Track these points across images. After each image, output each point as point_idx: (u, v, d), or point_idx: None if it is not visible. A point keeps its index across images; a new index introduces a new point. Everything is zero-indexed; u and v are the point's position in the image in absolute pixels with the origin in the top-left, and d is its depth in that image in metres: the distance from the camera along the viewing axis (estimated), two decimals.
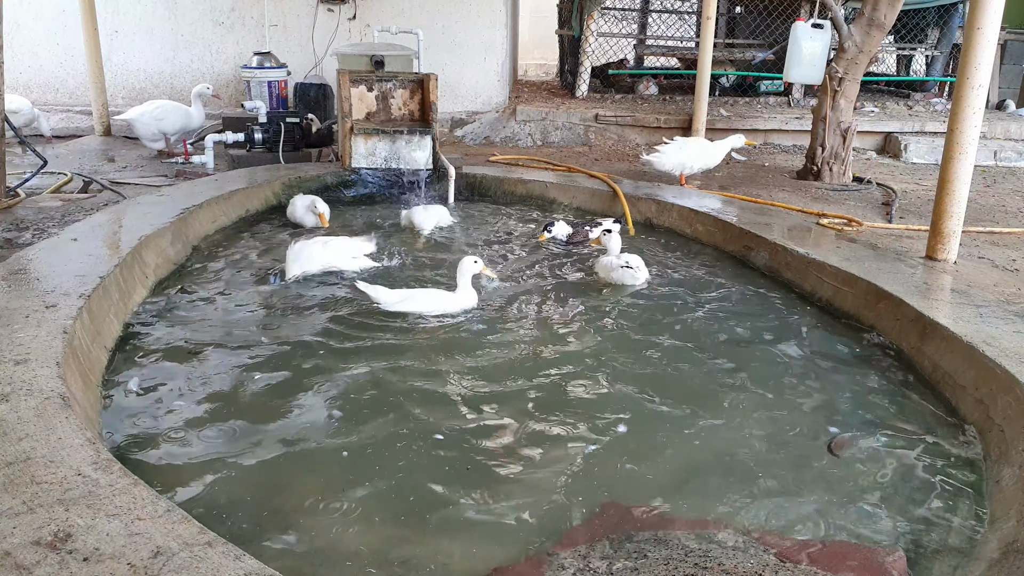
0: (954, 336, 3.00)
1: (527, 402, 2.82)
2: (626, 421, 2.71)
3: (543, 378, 3.01)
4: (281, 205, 5.31)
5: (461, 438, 2.56)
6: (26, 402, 2.18)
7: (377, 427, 2.60)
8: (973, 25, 3.77)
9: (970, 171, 3.96)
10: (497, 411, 2.75)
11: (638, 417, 2.74)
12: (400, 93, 5.95)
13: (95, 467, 1.90)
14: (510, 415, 2.72)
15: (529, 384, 2.95)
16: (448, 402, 2.79)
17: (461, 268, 3.62)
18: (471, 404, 2.79)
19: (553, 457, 2.47)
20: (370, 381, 2.92)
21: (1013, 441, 2.47)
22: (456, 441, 2.54)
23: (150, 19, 8.34)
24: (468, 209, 5.59)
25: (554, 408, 2.78)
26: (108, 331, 3.09)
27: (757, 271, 4.34)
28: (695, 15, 10.23)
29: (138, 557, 1.60)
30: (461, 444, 2.53)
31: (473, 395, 2.85)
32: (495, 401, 2.82)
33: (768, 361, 3.22)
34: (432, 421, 2.65)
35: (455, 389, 2.89)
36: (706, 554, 1.98)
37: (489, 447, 2.52)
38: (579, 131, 8.16)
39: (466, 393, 2.87)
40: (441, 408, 2.75)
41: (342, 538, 2.06)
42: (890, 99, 9.50)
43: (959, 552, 2.12)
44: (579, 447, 2.54)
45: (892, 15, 6.01)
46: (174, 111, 6.63)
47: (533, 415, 2.73)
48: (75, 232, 3.89)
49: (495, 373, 3.03)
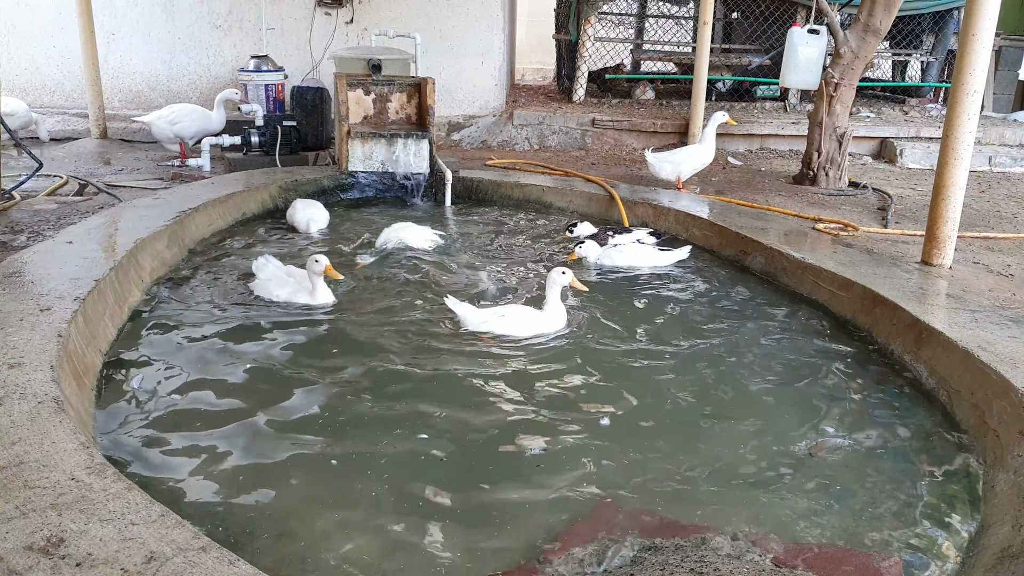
0: (950, 341, 3.00)
1: (517, 404, 2.81)
2: (620, 424, 2.70)
3: (532, 380, 3.00)
4: (278, 208, 5.31)
5: (453, 442, 2.56)
6: (19, 406, 2.17)
7: (371, 432, 2.60)
8: (968, 31, 3.79)
9: (965, 176, 3.97)
10: (488, 414, 2.74)
11: (632, 420, 2.74)
12: (397, 97, 5.95)
13: (89, 472, 1.89)
14: (501, 417, 2.71)
15: (521, 386, 2.94)
16: (440, 404, 2.79)
17: (551, 281, 3.38)
18: (465, 407, 2.78)
19: (546, 460, 2.47)
20: (361, 384, 2.91)
21: (1008, 446, 2.47)
22: (447, 444, 2.54)
23: (147, 22, 8.33)
24: (467, 214, 5.59)
25: (546, 410, 2.77)
26: (103, 335, 3.08)
27: (753, 275, 4.34)
28: (692, 20, 10.26)
29: (131, 562, 1.59)
30: (452, 447, 2.52)
31: (465, 398, 2.85)
32: (488, 404, 2.81)
33: (763, 365, 3.23)
34: (421, 423, 2.64)
35: (448, 392, 2.89)
36: (702, 559, 1.98)
37: (479, 451, 2.52)
38: (576, 135, 8.17)
39: (460, 396, 2.86)
40: (431, 411, 2.74)
41: (337, 543, 2.05)
42: (886, 104, 9.53)
43: (955, 557, 2.12)
44: (572, 449, 2.53)
45: (888, 21, 6.03)
46: (190, 114, 6.63)
47: (525, 417, 2.72)
48: (70, 235, 3.88)
49: (483, 377, 3.02)
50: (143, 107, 8.12)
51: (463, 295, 3.79)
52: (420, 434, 2.59)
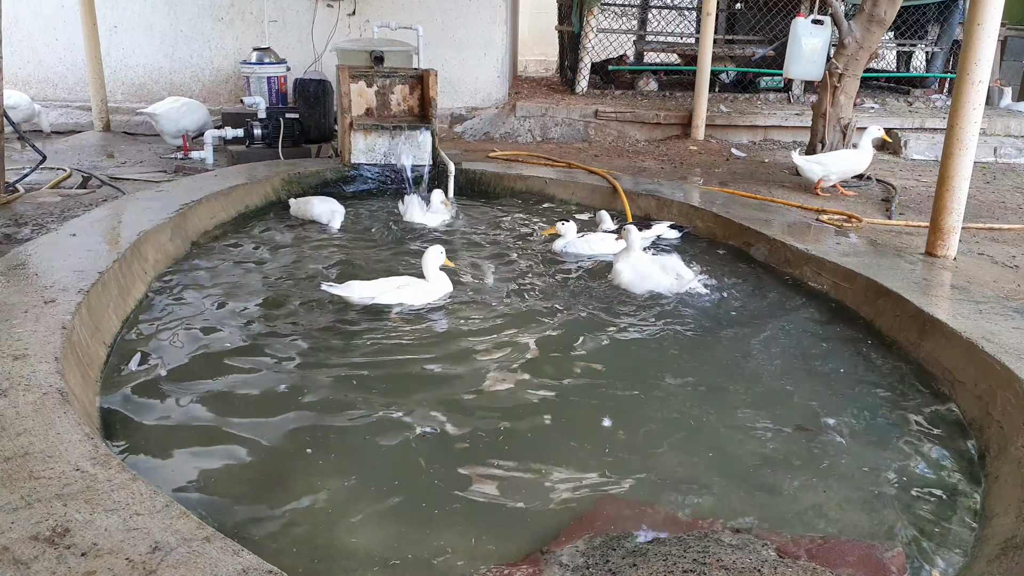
0: (954, 332, 3.00)
1: (518, 398, 2.81)
2: (621, 416, 2.70)
3: (534, 374, 3.00)
4: (280, 200, 5.31)
5: (456, 431, 2.56)
6: (24, 397, 2.18)
7: (375, 424, 2.60)
8: (973, 21, 3.77)
9: (970, 167, 3.95)
10: (489, 407, 2.74)
11: (633, 412, 2.74)
12: (400, 89, 5.94)
13: (93, 462, 1.90)
14: (501, 411, 2.72)
15: (520, 381, 2.95)
16: (442, 400, 2.79)
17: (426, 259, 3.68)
18: (465, 401, 2.79)
19: (546, 453, 2.47)
20: (369, 375, 2.92)
21: (1012, 437, 2.47)
22: (450, 434, 2.54)
23: (149, 15, 8.33)
24: (469, 206, 5.59)
25: (546, 404, 2.78)
26: (107, 326, 3.08)
27: (756, 267, 4.34)
28: (695, 11, 10.21)
29: (136, 552, 1.60)
30: (455, 437, 2.53)
31: (466, 392, 2.85)
32: (488, 397, 2.82)
33: (765, 357, 3.22)
34: (425, 417, 2.65)
35: (449, 387, 2.89)
36: (704, 550, 1.98)
37: (482, 444, 2.52)
38: (579, 127, 8.15)
39: (460, 391, 2.86)
40: (435, 405, 2.74)
41: (340, 534, 2.06)
42: (890, 95, 9.50)
43: (957, 548, 2.12)
44: (573, 443, 2.53)
45: (892, 11, 6.00)
46: (197, 109, 6.86)
47: (525, 411, 2.72)
48: (74, 228, 3.89)
49: (485, 370, 3.03)
50: (146, 100, 8.11)
51: (468, 287, 3.79)
52: (422, 425, 2.59)
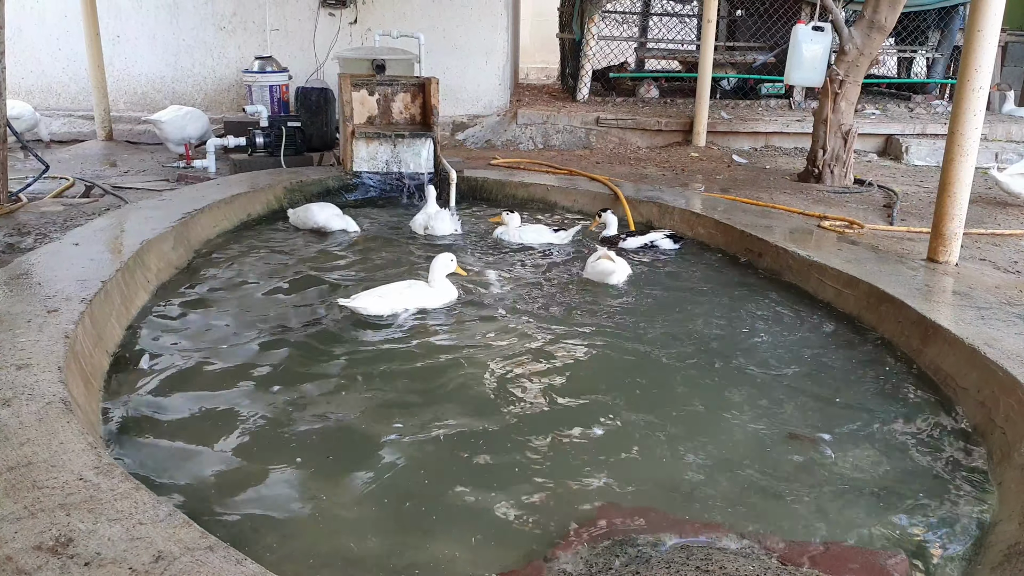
0: (956, 338, 3.00)
1: (521, 405, 2.81)
2: (624, 423, 2.70)
3: (537, 380, 3.00)
4: (283, 209, 5.32)
5: (457, 442, 2.56)
6: (28, 407, 2.19)
7: (376, 431, 2.60)
8: (974, 27, 3.78)
9: (971, 173, 3.96)
10: (491, 414, 2.74)
11: (635, 419, 2.74)
12: (401, 97, 5.96)
13: (96, 472, 1.90)
14: (505, 418, 2.71)
15: (523, 387, 2.95)
16: (444, 407, 2.79)
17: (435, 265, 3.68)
18: (467, 408, 2.79)
19: (549, 460, 2.47)
20: (371, 383, 2.92)
21: (1015, 443, 2.46)
22: (452, 445, 2.54)
23: (152, 24, 8.37)
24: (472, 214, 5.60)
25: (549, 410, 2.78)
26: (110, 336, 3.09)
27: (758, 273, 4.34)
28: (696, 18, 10.24)
29: (139, 562, 1.60)
30: (457, 447, 2.53)
31: (469, 399, 2.85)
32: (490, 404, 2.81)
33: (768, 363, 3.22)
34: (429, 424, 2.65)
35: (451, 394, 2.89)
36: (708, 557, 1.98)
37: (485, 450, 2.52)
38: (580, 134, 8.16)
39: (462, 398, 2.86)
40: (437, 412, 2.74)
41: (343, 542, 2.05)
42: (891, 101, 9.50)
43: (961, 555, 2.11)
44: (576, 450, 2.53)
45: (893, 17, 6.01)
46: (200, 118, 6.94)
47: (528, 418, 2.72)
48: (77, 237, 3.90)
49: (489, 376, 3.03)
50: (148, 109, 8.14)
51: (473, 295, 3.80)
52: (424, 432, 2.59)
